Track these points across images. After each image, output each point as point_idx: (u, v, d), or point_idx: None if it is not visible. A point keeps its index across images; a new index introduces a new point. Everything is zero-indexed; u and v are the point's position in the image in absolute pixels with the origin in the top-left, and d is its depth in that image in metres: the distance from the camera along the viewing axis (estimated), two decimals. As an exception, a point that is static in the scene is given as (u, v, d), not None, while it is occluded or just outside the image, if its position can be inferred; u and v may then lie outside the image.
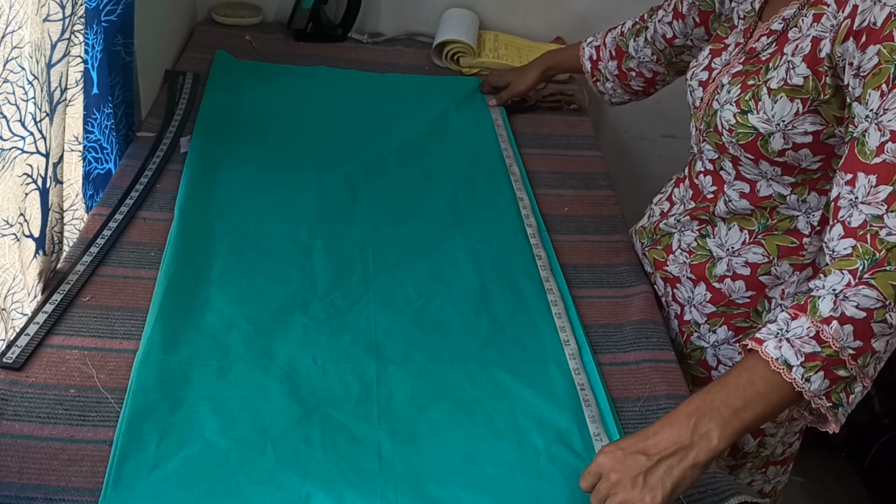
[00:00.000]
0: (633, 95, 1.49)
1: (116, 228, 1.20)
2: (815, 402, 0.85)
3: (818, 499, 2.19)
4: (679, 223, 1.21)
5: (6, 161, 0.96)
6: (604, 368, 1.08)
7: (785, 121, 0.99)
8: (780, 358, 0.85)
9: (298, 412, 0.96)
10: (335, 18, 1.85)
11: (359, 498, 0.88)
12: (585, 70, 1.51)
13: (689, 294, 1.20)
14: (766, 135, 1.01)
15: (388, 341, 1.08)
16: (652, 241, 1.27)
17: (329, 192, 1.34)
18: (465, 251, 1.25)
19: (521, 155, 1.52)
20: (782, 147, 1.01)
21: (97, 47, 1.23)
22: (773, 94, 1.00)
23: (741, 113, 1.03)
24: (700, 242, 1.18)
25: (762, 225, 1.11)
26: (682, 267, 1.20)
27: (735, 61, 1.09)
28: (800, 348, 0.84)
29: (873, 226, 0.85)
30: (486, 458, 0.94)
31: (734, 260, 1.14)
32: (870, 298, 0.83)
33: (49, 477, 0.85)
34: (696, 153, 1.18)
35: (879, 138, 0.86)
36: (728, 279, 1.15)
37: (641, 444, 0.86)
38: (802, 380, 0.84)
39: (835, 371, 0.84)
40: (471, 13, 1.87)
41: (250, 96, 1.57)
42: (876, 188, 0.86)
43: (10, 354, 0.97)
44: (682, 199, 1.23)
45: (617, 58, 1.45)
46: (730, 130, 1.05)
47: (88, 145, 1.29)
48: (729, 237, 1.14)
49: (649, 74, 1.43)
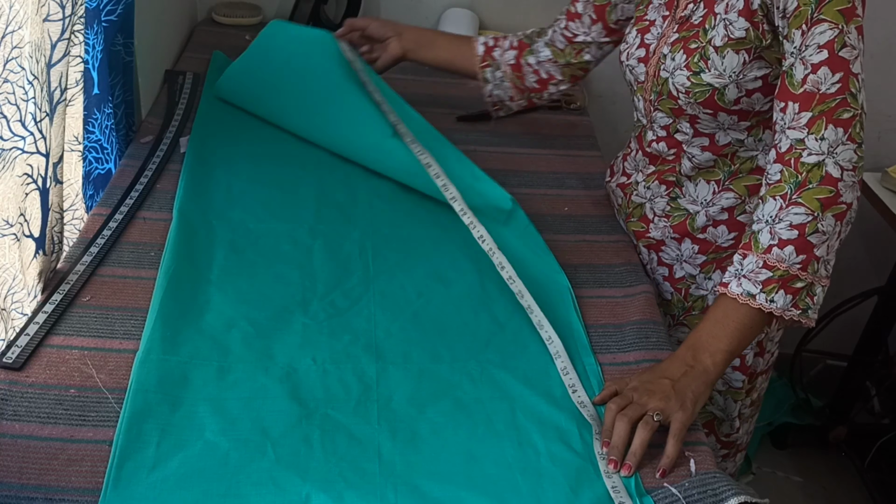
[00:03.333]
0: (518, 92, 1.47)
1: (116, 228, 1.20)
2: (786, 314, 0.99)
3: (818, 499, 2.19)
4: (648, 190, 1.28)
5: (6, 161, 0.96)
6: (604, 368, 1.08)
7: (736, 71, 1.10)
8: (743, 292, 1.00)
9: (298, 412, 0.96)
10: (335, 18, 1.85)
11: (359, 498, 0.88)
12: (476, 53, 1.46)
13: (677, 252, 1.29)
14: (721, 88, 1.11)
15: (388, 341, 1.08)
16: (626, 216, 1.35)
17: (329, 192, 1.34)
18: (464, 251, 1.25)
19: (520, 154, 1.52)
20: (737, 96, 1.11)
21: (97, 47, 1.23)
22: (720, 50, 1.10)
23: (694, 74, 1.12)
24: (672, 205, 1.26)
25: (726, 173, 1.21)
26: (663, 230, 1.28)
27: (669, 31, 1.18)
28: (755, 279, 1.00)
29: (797, 149, 1.01)
30: (486, 458, 0.94)
31: (710, 210, 1.23)
32: (799, 215, 0.99)
33: (49, 477, 0.85)
34: (645, 124, 1.26)
35: (803, 71, 1.01)
36: (710, 227, 1.24)
37: (659, 373, 1.00)
38: (768, 302, 0.99)
39: (792, 285, 0.99)
40: (471, 13, 1.87)
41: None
42: (799, 114, 1.01)
43: (10, 354, 0.97)
44: (636, 168, 1.31)
45: (518, 48, 1.45)
46: (686, 92, 1.14)
47: (88, 145, 1.29)
48: (699, 191, 1.23)
49: (545, 75, 1.44)
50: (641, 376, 1.01)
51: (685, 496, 0.91)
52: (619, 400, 0.98)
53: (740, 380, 1.32)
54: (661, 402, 0.96)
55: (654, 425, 0.95)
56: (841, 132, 1.00)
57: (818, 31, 1.00)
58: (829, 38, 1.00)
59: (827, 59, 1.00)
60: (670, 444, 0.94)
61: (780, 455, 2.30)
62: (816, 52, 1.00)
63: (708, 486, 0.92)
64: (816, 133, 1.00)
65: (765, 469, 2.25)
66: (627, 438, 0.95)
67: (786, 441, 2.29)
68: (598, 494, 0.91)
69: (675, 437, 0.95)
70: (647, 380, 0.99)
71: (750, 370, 1.32)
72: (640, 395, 0.97)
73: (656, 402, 0.96)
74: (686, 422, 0.96)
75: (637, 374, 1.02)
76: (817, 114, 1.00)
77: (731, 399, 1.35)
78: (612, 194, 1.40)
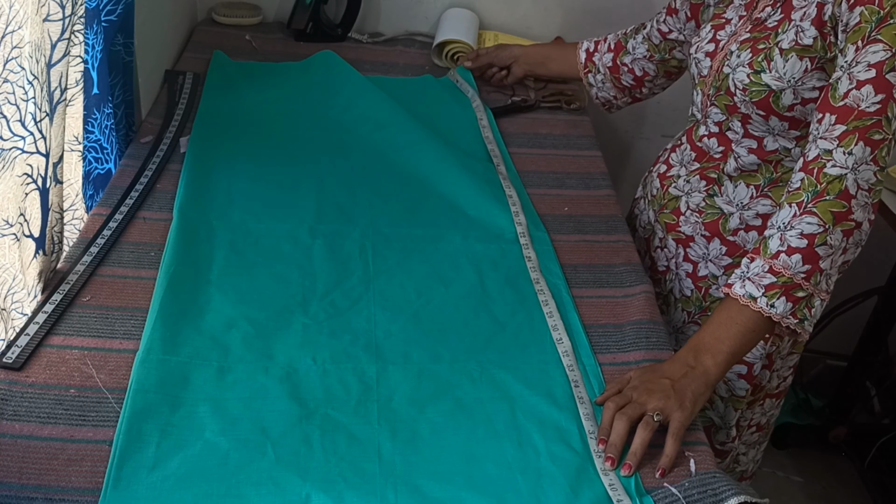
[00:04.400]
0: (620, 91, 1.56)
1: (116, 228, 1.20)
2: (784, 321, 1.00)
3: (818, 499, 2.19)
4: (688, 184, 1.29)
5: (6, 161, 0.96)
6: (604, 368, 1.08)
7: (795, 77, 1.10)
8: (745, 294, 1.01)
9: (298, 412, 0.96)
10: (335, 18, 1.85)
11: (359, 498, 0.88)
12: (580, 61, 1.58)
13: (704, 250, 1.29)
14: (778, 91, 1.11)
15: (388, 341, 1.08)
16: (660, 206, 1.35)
17: (328, 192, 1.34)
18: (464, 251, 1.25)
19: (521, 155, 1.52)
20: (792, 102, 1.12)
21: (97, 47, 1.23)
22: (785, 53, 1.10)
23: (754, 73, 1.13)
24: (708, 202, 1.27)
25: (767, 179, 1.20)
26: (694, 226, 1.29)
27: (742, 31, 1.19)
28: (759, 283, 1.01)
29: (823, 158, 1.01)
30: (486, 457, 0.94)
31: (745, 213, 1.23)
32: (811, 225, 1.00)
33: (49, 477, 0.85)
34: (699, 119, 1.28)
35: (847, 85, 1.02)
36: (741, 231, 1.24)
37: (659, 373, 1.01)
38: (768, 307, 1.00)
39: (793, 294, 1.00)
40: (471, 13, 1.87)
41: (248, 96, 1.57)
42: (834, 126, 1.01)
43: (10, 354, 0.97)
44: (681, 162, 1.32)
45: (615, 51, 1.53)
46: (743, 90, 1.15)
47: (88, 145, 1.29)
48: (737, 193, 1.23)
49: (640, 73, 1.50)
50: (642, 376, 1.01)
51: (685, 496, 0.91)
52: (617, 398, 0.99)
53: (744, 388, 1.32)
54: (661, 402, 0.96)
55: (654, 425, 0.95)
56: (868, 151, 1.00)
57: (872, 49, 1.00)
58: (880, 58, 1.00)
59: (873, 78, 1.00)
60: (669, 443, 0.94)
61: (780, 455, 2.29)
62: (865, 69, 1.00)
63: (708, 485, 0.92)
64: (846, 147, 1.00)
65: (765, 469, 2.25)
66: (626, 437, 0.95)
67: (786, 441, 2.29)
68: (597, 494, 0.91)
69: (674, 436, 0.95)
70: (647, 379, 1.00)
71: (756, 381, 1.31)
72: (639, 394, 0.98)
73: (656, 401, 0.96)
74: (685, 421, 0.96)
75: (637, 372, 1.03)
76: (851, 128, 1.00)
77: (731, 407, 1.34)
78: (648, 185, 1.41)
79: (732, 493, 0.91)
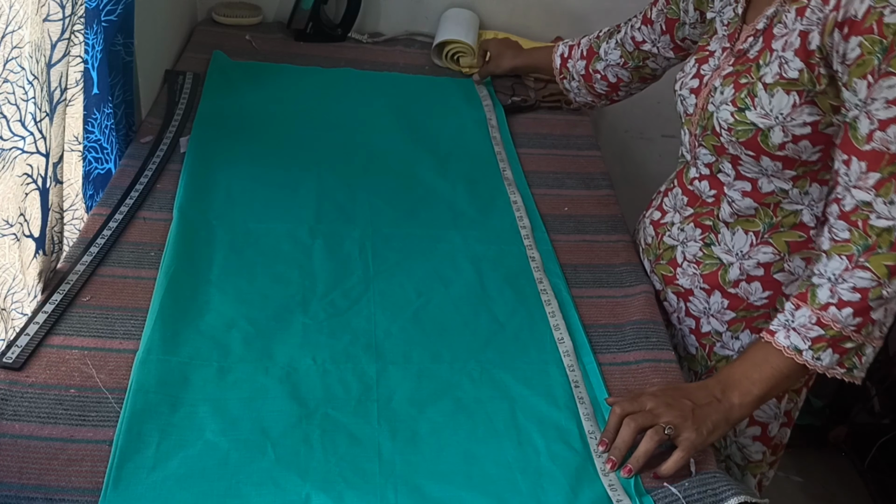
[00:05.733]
0: (596, 98, 1.53)
1: (116, 228, 1.20)
2: (829, 372, 0.96)
3: (818, 499, 2.19)
4: (682, 232, 1.21)
5: (6, 161, 0.96)
6: (604, 368, 1.08)
7: (783, 113, 1.02)
8: (790, 346, 0.96)
9: (298, 413, 0.96)
10: (335, 18, 1.85)
11: (359, 498, 0.88)
12: (554, 66, 1.54)
13: (705, 304, 1.20)
14: (766, 129, 1.03)
15: (388, 341, 1.08)
16: (656, 257, 1.26)
17: (328, 192, 1.34)
18: (464, 251, 1.25)
19: (520, 155, 1.52)
20: (782, 140, 1.03)
21: (97, 47, 1.23)
22: (770, 88, 1.02)
23: (738, 111, 1.05)
24: (706, 252, 1.18)
25: (767, 224, 1.12)
26: (692, 278, 1.20)
27: (725, 64, 1.12)
28: (805, 335, 0.96)
29: (864, 210, 0.94)
30: (486, 457, 0.94)
31: (745, 263, 1.14)
32: (864, 279, 0.93)
33: (49, 477, 0.85)
34: (689, 160, 1.20)
35: (868, 126, 0.93)
36: (743, 283, 1.15)
37: (682, 393, 0.98)
38: (814, 360, 0.95)
39: (842, 345, 0.95)
40: (471, 13, 1.87)
41: (248, 96, 1.57)
42: (866, 174, 0.94)
43: (10, 354, 0.97)
44: (674, 207, 1.24)
45: (587, 58, 1.48)
46: (728, 129, 1.07)
47: (88, 145, 1.29)
48: (735, 241, 1.15)
49: (613, 79, 1.45)
50: (664, 390, 0.99)
51: (685, 496, 0.91)
52: (625, 404, 0.97)
53: (760, 451, 1.25)
54: (677, 419, 0.94)
55: (663, 438, 0.93)
56: None
57: (886, 84, 0.92)
58: None
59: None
60: (677, 454, 0.93)
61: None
62: (885, 107, 0.92)
63: (708, 485, 0.92)
64: (885, 196, 0.93)
65: (765, 469, 2.25)
66: (630, 443, 0.94)
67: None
68: (597, 494, 0.91)
69: (684, 450, 0.93)
70: (669, 395, 0.97)
71: (774, 441, 1.25)
72: (656, 405, 0.96)
73: (671, 416, 0.94)
74: (697, 444, 0.94)
75: (660, 387, 1.00)
76: (887, 175, 0.93)
77: (749, 474, 1.27)
78: (641, 232, 1.33)
79: (732, 493, 0.91)
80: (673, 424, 0.94)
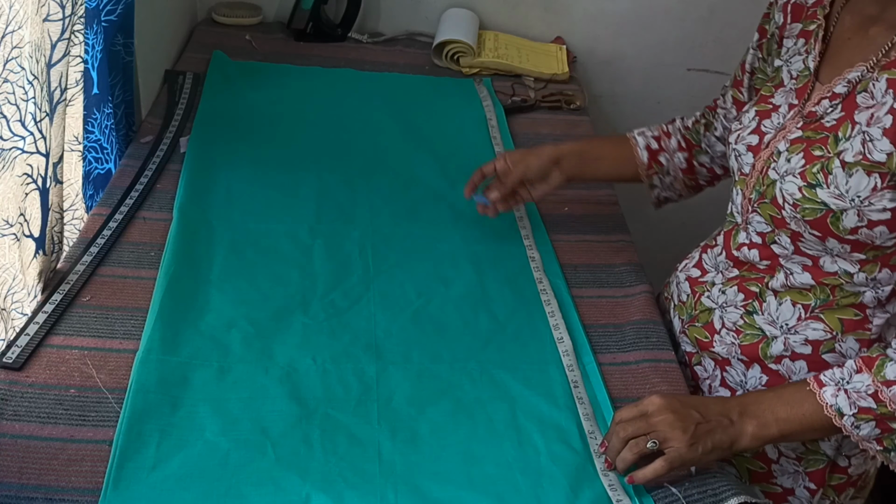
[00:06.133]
0: (688, 191, 1.31)
1: (116, 228, 1.20)
2: (863, 444, 0.90)
3: (818, 499, 2.18)
4: (724, 295, 1.08)
5: (6, 161, 0.96)
6: (604, 368, 1.08)
7: (861, 196, 0.90)
8: (834, 405, 0.89)
9: (298, 413, 0.96)
10: (335, 18, 1.85)
11: (359, 498, 0.88)
12: (641, 161, 1.26)
13: (741, 377, 1.08)
14: (839, 211, 0.92)
15: (388, 341, 1.08)
16: (690, 318, 1.14)
17: (329, 192, 1.34)
18: (464, 251, 1.25)
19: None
20: (856, 225, 0.92)
21: (97, 47, 1.23)
22: (849, 167, 0.91)
23: (808, 187, 0.93)
24: (747, 320, 1.06)
25: (820, 300, 1.00)
26: (730, 347, 1.08)
27: (791, 126, 0.99)
28: (855, 401, 0.89)
29: None
30: (486, 457, 0.94)
31: (791, 338, 1.03)
32: None
33: (49, 477, 0.85)
34: (739, 223, 1.06)
35: None
36: (786, 359, 1.04)
37: (695, 403, 0.92)
38: (852, 427, 0.89)
39: (889, 424, 0.88)
40: (471, 13, 1.87)
41: (248, 96, 1.57)
42: None
43: (10, 354, 0.97)
44: (716, 268, 1.11)
45: (687, 149, 1.26)
46: (794, 205, 0.95)
47: (88, 145, 1.29)
48: (781, 313, 1.03)
49: (720, 171, 1.26)
50: (677, 397, 0.93)
51: (685, 496, 0.91)
52: (624, 411, 0.93)
53: None
54: (670, 432, 0.89)
55: (644, 450, 0.90)
56: None
57: None
58: None
59: None
60: (658, 463, 0.89)
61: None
62: None
63: (708, 485, 0.92)
64: None
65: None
66: (620, 449, 0.92)
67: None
68: (597, 493, 0.91)
69: (666, 461, 0.89)
70: (678, 403, 0.92)
71: None
72: (656, 414, 0.91)
73: (665, 428, 0.89)
74: (686, 460, 0.90)
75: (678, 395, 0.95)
76: None
77: None
78: (674, 286, 1.19)
79: (732, 493, 0.91)
80: (662, 438, 0.89)
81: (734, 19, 1.90)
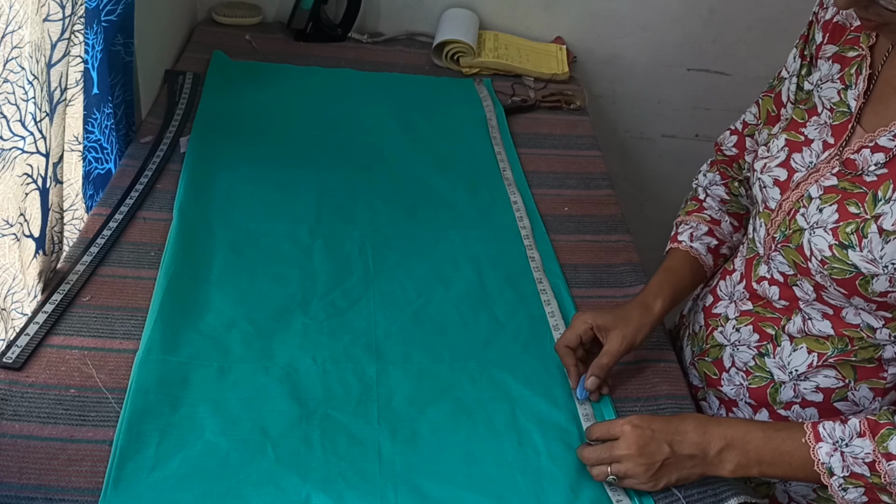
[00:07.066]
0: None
1: (116, 228, 1.20)
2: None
3: (818, 499, 2.18)
4: (737, 333, 1.03)
5: (6, 161, 0.96)
6: (604, 368, 1.08)
7: (895, 264, 0.85)
8: (826, 464, 0.85)
9: (298, 413, 0.96)
10: (335, 18, 1.85)
11: (359, 498, 0.88)
12: (709, 265, 1.12)
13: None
14: (869, 276, 0.86)
15: (388, 341, 1.08)
16: (701, 351, 1.09)
17: (328, 192, 1.34)
18: (464, 251, 1.25)
19: (520, 155, 1.52)
20: (886, 289, 0.86)
21: (97, 47, 1.23)
22: (886, 234, 0.84)
23: (839, 246, 0.87)
24: (758, 362, 1.01)
25: (838, 349, 0.95)
26: (738, 389, 1.04)
27: (826, 170, 0.91)
28: (850, 465, 0.84)
29: None
30: (487, 457, 0.95)
31: (801, 385, 0.98)
32: None
33: (49, 477, 0.85)
34: (760, 254, 1.00)
35: None
36: (796, 406, 1.00)
37: (669, 434, 0.89)
38: (839, 488, 0.85)
39: (878, 495, 0.84)
40: (471, 13, 1.87)
41: (248, 96, 1.57)
42: None
43: (10, 354, 0.97)
44: (731, 297, 1.06)
45: (740, 224, 1.15)
46: (822, 262, 0.89)
47: (88, 145, 1.29)
48: (793, 359, 0.98)
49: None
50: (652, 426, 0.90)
51: (685, 496, 0.91)
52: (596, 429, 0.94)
53: None
54: (632, 470, 0.89)
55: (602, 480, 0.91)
56: None
57: None
58: None
59: None
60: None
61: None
62: None
63: (708, 485, 0.92)
64: None
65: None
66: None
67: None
68: (597, 494, 0.91)
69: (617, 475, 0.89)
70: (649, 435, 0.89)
71: None
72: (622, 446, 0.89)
73: (627, 465, 0.89)
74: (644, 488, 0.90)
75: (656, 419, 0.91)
76: None
77: None
78: (690, 314, 1.15)
79: (732, 493, 0.91)
80: (623, 472, 0.89)
81: (734, 19, 1.90)
